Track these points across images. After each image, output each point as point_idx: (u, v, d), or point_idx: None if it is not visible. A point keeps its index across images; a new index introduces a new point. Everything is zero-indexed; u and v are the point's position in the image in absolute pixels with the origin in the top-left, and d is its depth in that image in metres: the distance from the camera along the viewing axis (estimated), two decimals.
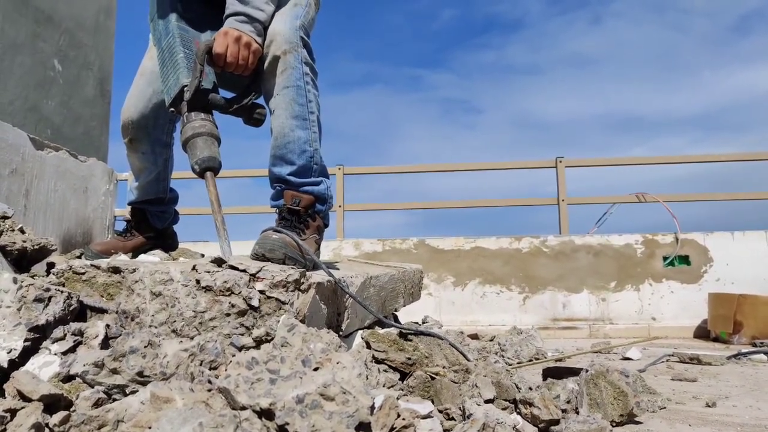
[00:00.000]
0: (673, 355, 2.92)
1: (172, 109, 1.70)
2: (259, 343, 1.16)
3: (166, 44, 1.77)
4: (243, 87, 1.81)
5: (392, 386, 1.44)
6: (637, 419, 1.57)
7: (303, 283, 1.27)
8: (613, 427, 1.48)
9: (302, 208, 1.71)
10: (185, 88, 1.65)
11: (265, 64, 1.76)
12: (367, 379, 1.41)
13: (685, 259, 4.76)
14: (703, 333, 4.44)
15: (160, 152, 2.12)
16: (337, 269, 1.84)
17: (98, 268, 1.27)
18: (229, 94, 1.81)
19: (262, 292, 1.21)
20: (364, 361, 1.49)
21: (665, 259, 4.76)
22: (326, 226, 1.87)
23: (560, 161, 5.30)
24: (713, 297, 4.32)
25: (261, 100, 1.86)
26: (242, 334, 1.17)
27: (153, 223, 2.19)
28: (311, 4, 1.87)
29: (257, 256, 1.45)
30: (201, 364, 1.03)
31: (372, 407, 0.95)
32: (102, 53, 3.14)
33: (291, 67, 1.74)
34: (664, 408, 1.76)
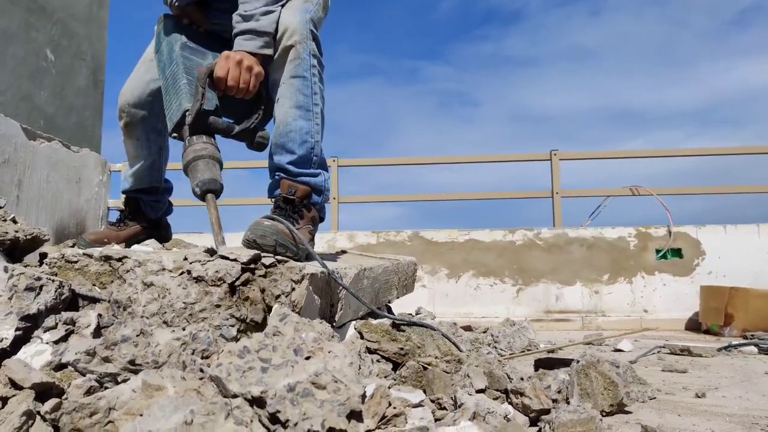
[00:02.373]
0: (664, 347, 2.95)
1: (175, 134, 1.71)
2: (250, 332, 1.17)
3: (169, 72, 1.78)
4: (245, 111, 1.81)
5: (385, 376, 1.45)
6: (626, 409, 1.59)
7: (297, 274, 1.27)
8: (603, 416, 1.49)
9: (297, 198, 1.71)
10: (187, 113, 1.65)
11: (275, 55, 1.78)
12: (360, 369, 1.42)
13: (677, 252, 4.79)
14: (694, 325, 4.47)
15: (155, 140, 2.13)
16: (331, 261, 1.84)
17: (91, 256, 1.27)
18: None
19: (254, 282, 1.21)
20: (357, 352, 1.50)
21: (658, 252, 4.78)
22: (322, 219, 1.87)
23: (554, 154, 5.31)
24: (705, 290, 4.35)
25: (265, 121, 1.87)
26: (233, 325, 1.17)
27: (146, 213, 2.18)
28: (320, 4, 1.89)
29: (248, 242, 1.46)
30: (193, 353, 1.04)
31: (363, 396, 0.96)
32: (95, 43, 3.11)
33: (299, 57, 1.75)
34: (654, 398, 1.78)
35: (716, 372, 2.35)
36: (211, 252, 1.26)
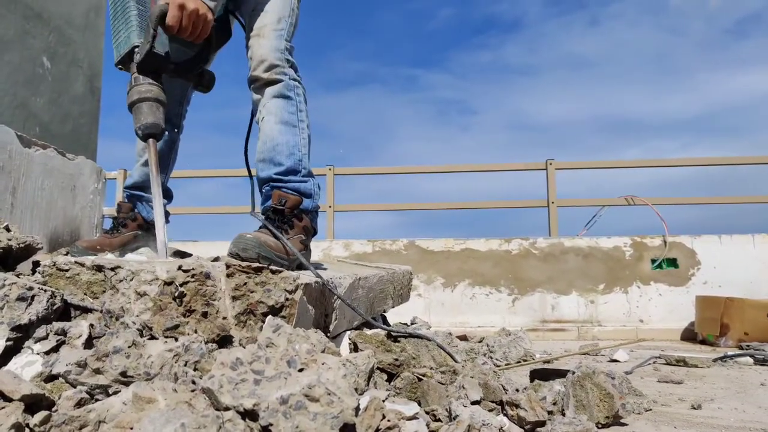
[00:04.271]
0: (660, 357, 2.94)
1: (120, 66, 1.72)
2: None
3: None
4: (193, 53, 1.80)
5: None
6: (622, 421, 1.58)
7: (291, 284, 1.26)
8: (598, 428, 1.48)
9: (288, 208, 1.71)
10: (136, 49, 1.65)
11: (254, 84, 1.85)
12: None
13: (672, 262, 4.79)
14: (690, 335, 4.47)
15: (168, 129, 2.15)
16: (325, 269, 1.83)
17: (83, 265, 1.26)
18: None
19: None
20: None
21: (653, 261, 4.79)
22: (315, 232, 1.87)
23: (550, 163, 5.32)
24: (700, 300, 4.35)
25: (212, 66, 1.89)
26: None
27: (142, 214, 2.16)
28: (292, 24, 1.92)
29: (231, 256, 1.45)
30: (185, 365, 1.03)
31: (357, 408, 0.95)
32: (91, 51, 3.11)
33: (281, 81, 1.82)
34: (650, 410, 1.77)
35: (712, 383, 2.34)
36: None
